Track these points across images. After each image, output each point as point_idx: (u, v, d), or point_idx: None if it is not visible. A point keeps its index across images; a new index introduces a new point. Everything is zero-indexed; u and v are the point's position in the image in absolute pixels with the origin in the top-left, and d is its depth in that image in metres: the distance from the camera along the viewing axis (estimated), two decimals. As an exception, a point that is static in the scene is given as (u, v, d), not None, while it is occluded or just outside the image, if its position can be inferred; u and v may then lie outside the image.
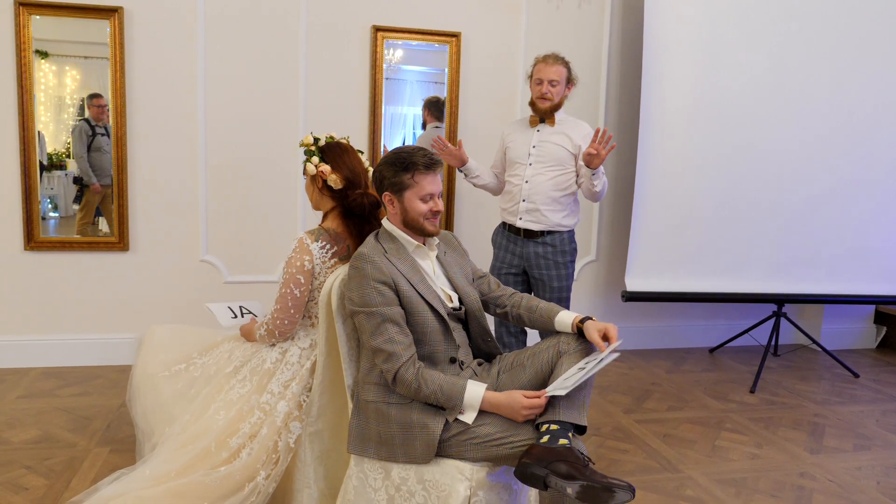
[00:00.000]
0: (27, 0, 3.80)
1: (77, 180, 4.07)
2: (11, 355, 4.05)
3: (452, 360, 2.13)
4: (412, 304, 2.08)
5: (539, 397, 1.96)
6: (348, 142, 2.52)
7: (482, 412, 2.00)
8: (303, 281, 2.33)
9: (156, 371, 2.52)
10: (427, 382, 1.99)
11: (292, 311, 2.35)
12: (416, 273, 2.14)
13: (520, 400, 1.96)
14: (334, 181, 2.38)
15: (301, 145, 2.47)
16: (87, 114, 4.02)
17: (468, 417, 1.99)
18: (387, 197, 2.17)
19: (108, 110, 4.00)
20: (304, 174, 2.47)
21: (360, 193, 2.38)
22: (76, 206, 4.09)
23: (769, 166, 4.40)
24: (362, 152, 2.53)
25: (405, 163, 2.11)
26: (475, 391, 1.99)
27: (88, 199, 4.09)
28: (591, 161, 3.16)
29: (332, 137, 2.49)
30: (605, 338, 2.06)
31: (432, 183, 2.14)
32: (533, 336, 3.78)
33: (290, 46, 4.19)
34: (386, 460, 2.05)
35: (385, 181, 2.16)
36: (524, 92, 4.47)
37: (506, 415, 1.98)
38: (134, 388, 2.57)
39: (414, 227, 2.17)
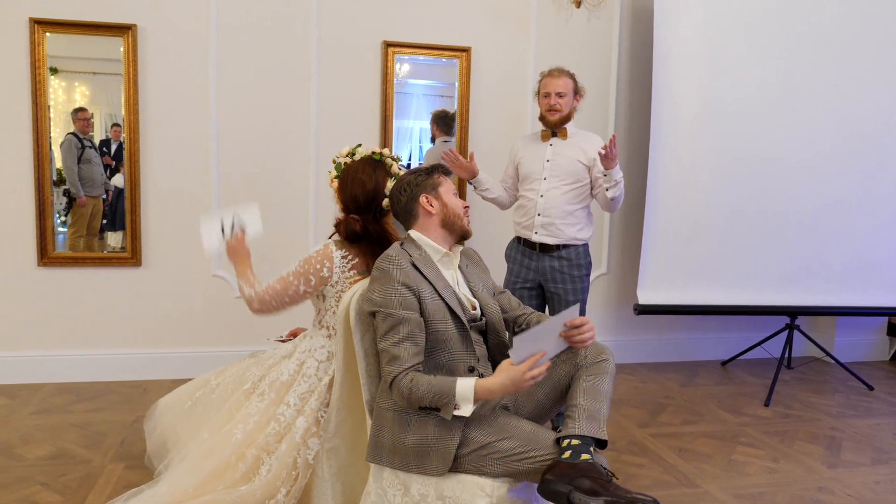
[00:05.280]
0: (42, 18, 3.84)
1: (66, 193, 4.09)
2: (25, 371, 4.05)
3: (471, 370, 2.10)
4: (434, 311, 2.07)
5: (535, 364, 1.89)
6: (390, 157, 2.51)
7: (500, 427, 1.99)
8: (313, 283, 2.34)
9: (179, 402, 2.53)
10: (418, 385, 1.93)
11: (286, 300, 2.37)
12: (440, 280, 2.14)
13: (519, 369, 1.89)
14: (336, 201, 2.40)
15: (339, 156, 2.49)
16: (72, 128, 4.03)
17: (465, 410, 1.92)
18: (424, 200, 2.19)
19: (93, 123, 4.05)
20: None
21: (352, 219, 2.39)
22: (66, 219, 4.10)
23: (779, 178, 4.40)
24: (398, 159, 2.52)
25: (427, 169, 2.25)
26: (466, 383, 1.93)
27: (78, 212, 4.10)
28: (603, 161, 3.18)
29: (377, 154, 2.47)
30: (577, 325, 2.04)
31: (452, 186, 2.29)
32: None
33: (302, 61, 4.21)
34: (399, 469, 2.03)
35: (418, 186, 2.20)
36: (534, 106, 4.45)
37: (509, 391, 1.91)
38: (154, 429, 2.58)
39: (454, 226, 2.21)
